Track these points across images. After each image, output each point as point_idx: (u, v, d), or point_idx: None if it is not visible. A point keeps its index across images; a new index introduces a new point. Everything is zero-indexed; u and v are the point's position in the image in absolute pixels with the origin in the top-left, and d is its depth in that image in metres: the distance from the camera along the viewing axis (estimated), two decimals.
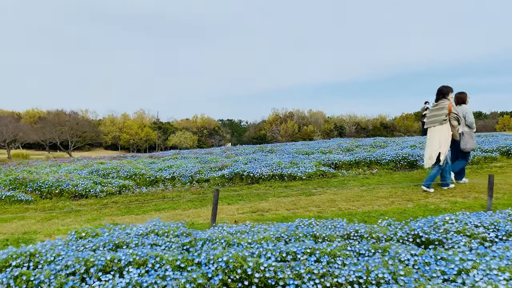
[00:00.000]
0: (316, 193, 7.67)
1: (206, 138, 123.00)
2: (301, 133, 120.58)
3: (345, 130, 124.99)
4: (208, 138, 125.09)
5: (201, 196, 8.08)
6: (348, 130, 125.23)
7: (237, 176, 9.23)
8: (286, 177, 9.04)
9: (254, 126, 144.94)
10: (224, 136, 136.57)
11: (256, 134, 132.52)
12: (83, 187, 8.45)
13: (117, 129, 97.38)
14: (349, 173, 9.51)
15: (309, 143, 16.35)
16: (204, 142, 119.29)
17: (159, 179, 9.63)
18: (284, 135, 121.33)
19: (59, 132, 66.10)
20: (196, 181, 9.41)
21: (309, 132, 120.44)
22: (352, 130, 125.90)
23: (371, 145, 13.36)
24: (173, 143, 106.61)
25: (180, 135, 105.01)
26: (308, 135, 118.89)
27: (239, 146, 18.25)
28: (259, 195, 7.85)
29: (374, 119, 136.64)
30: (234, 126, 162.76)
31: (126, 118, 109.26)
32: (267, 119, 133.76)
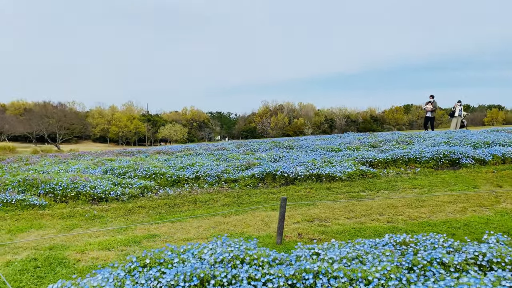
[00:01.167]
0: (366, 197, 6.92)
1: (195, 130, 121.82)
2: (292, 126, 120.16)
3: (336, 123, 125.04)
4: (198, 130, 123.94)
5: (237, 199, 7.27)
6: (339, 123, 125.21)
7: (269, 176, 8.43)
8: (324, 177, 8.28)
9: (243, 119, 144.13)
10: (214, 129, 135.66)
11: (246, 127, 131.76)
12: (102, 189, 7.57)
13: (105, 122, 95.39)
14: (390, 173, 8.78)
15: (326, 138, 15.59)
16: (194, 135, 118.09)
17: (182, 179, 8.78)
18: (274, 128, 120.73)
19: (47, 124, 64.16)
20: (223, 181, 8.59)
21: (299, 125, 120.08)
22: (342, 123, 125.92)
23: (396, 141, 12.66)
24: (163, 136, 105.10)
25: (170, 127, 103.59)
26: (298, 128, 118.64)
27: (250, 141, 17.41)
28: (302, 198, 7.08)
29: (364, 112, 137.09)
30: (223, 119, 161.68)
31: (114, 110, 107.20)
32: (257, 112, 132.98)
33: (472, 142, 10.91)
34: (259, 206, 6.75)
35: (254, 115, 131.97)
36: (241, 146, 14.50)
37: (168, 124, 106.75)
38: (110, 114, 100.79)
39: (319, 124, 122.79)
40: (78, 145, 76.57)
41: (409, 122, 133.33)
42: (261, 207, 6.64)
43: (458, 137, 12.56)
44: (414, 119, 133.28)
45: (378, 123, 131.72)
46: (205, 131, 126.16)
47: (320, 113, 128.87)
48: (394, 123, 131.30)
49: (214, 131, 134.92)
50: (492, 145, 10.60)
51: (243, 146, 14.42)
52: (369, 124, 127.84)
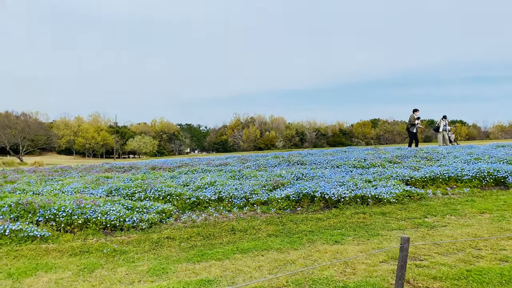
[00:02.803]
0: (435, 225, 5.95)
1: (165, 143, 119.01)
2: (264, 139, 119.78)
3: (306, 137, 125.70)
4: (168, 143, 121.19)
5: (281, 227, 6.13)
6: (309, 137, 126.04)
7: (306, 197, 7.35)
8: (370, 199, 7.28)
9: (214, 131, 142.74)
10: (184, 141, 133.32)
11: (218, 139, 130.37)
12: (116, 215, 6.25)
13: (71, 133, 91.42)
14: (437, 193, 7.89)
15: (330, 153, 14.67)
16: (164, 147, 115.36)
17: (202, 201, 7.56)
18: (246, 140, 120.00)
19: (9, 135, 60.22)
20: (252, 203, 7.43)
21: (271, 138, 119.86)
22: (312, 137, 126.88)
23: (414, 156, 11.90)
24: (132, 148, 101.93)
25: (139, 139, 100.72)
26: (270, 141, 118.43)
27: (249, 155, 16.26)
28: (360, 226, 6.03)
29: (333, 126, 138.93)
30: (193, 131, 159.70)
31: (80, 121, 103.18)
32: (228, 124, 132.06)
33: (502, 158, 10.26)
34: (313, 236, 5.64)
35: (226, 128, 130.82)
36: (246, 161, 13.34)
37: (137, 136, 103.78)
38: (76, 125, 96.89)
39: (290, 137, 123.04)
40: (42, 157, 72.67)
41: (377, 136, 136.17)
42: (318, 239, 5.54)
43: (480, 152, 11.94)
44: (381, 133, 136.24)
45: (347, 137, 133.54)
46: (175, 143, 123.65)
47: (291, 127, 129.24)
48: (362, 137, 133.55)
49: (184, 143, 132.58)
50: None
51: (248, 161, 13.26)
52: (338, 137, 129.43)
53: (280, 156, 14.44)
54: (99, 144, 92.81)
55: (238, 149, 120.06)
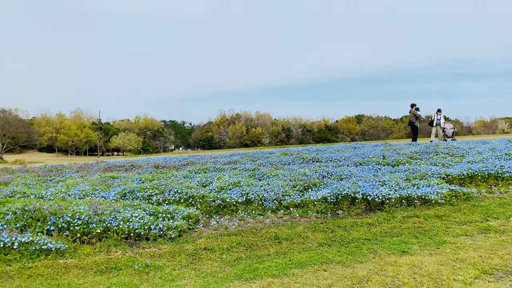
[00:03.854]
0: (505, 229, 5.31)
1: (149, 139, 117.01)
2: (250, 136, 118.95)
3: (292, 133, 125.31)
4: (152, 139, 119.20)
5: (331, 235, 5.40)
6: (295, 133, 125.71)
7: (345, 199, 6.64)
8: (416, 200, 6.62)
9: (200, 128, 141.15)
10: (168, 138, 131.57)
11: (203, 136, 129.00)
12: (140, 223, 5.42)
13: (53, 130, 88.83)
14: (482, 192, 7.28)
15: (340, 149, 14.00)
16: (149, 144, 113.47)
17: (228, 204, 6.77)
18: (232, 137, 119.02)
19: None
20: (285, 206, 6.69)
21: (257, 134, 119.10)
22: (298, 133, 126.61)
23: (435, 152, 11.33)
24: (116, 145, 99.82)
25: (124, 136, 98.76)
26: (256, 138, 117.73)
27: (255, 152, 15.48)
28: (420, 232, 5.35)
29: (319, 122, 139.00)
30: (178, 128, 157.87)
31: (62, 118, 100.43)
32: (214, 121, 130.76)
33: None
34: (373, 246, 4.93)
35: (211, 124, 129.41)
36: (256, 158, 12.57)
37: (121, 133, 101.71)
38: (58, 122, 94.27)
39: (277, 134, 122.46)
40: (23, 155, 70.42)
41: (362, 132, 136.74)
42: (379, 248, 4.83)
43: (503, 147, 11.44)
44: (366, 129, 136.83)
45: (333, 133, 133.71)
46: (159, 140, 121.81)
47: (277, 123, 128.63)
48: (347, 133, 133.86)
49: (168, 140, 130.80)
50: None
51: (258, 158, 12.50)
52: (324, 133, 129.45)
53: (288, 153, 13.72)
54: (82, 141, 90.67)
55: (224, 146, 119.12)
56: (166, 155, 46.14)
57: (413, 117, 20.56)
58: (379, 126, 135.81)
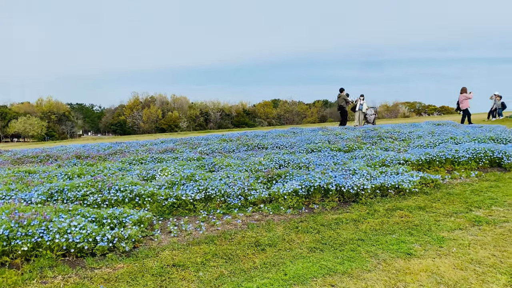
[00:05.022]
0: (494, 220, 5.01)
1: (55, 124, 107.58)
2: (166, 120, 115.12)
3: (211, 117, 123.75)
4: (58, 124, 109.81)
5: (319, 236, 4.66)
6: (214, 117, 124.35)
7: (317, 191, 5.96)
8: (391, 190, 6.16)
9: (111, 112, 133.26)
10: (76, 122, 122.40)
11: (115, 120, 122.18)
12: (82, 234, 4.19)
13: None
14: (445, 179, 7.08)
15: (284, 134, 13.40)
16: (54, 129, 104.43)
17: (184, 202, 5.73)
18: (147, 121, 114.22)
19: None
20: (252, 202, 5.82)
21: (174, 118, 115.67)
22: (217, 117, 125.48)
23: (379, 137, 11.20)
24: (16, 131, 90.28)
25: (25, 121, 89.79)
26: (173, 122, 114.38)
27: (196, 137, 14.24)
28: (412, 228, 4.84)
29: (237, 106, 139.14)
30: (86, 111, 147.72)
31: None
32: (126, 104, 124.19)
33: (476, 138, 9.97)
34: (371, 247, 4.29)
35: (123, 108, 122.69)
36: (194, 145, 11.45)
37: (21, 117, 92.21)
38: None
39: (195, 118, 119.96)
40: None
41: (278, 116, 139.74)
42: (378, 251, 4.20)
43: (440, 131, 11.68)
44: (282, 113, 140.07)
45: (251, 117, 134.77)
46: (66, 124, 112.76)
47: (195, 106, 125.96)
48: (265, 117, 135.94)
49: (76, 125, 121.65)
50: (498, 141, 9.78)
51: (198, 145, 11.40)
52: (242, 117, 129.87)
53: (227, 139, 12.81)
54: None
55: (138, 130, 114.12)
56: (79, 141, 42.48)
57: (343, 101, 20.78)
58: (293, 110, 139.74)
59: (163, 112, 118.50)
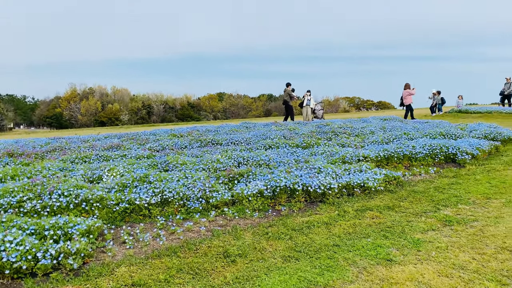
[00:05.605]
0: (463, 219, 4.94)
1: None
2: (106, 112, 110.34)
3: (154, 110, 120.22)
4: None
5: (291, 242, 4.31)
6: (157, 110, 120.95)
7: (283, 192, 5.62)
8: (356, 188, 5.96)
9: (46, 104, 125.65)
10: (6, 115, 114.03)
11: (50, 112, 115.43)
12: (19, 252, 3.54)
13: None
14: (405, 175, 7.04)
15: (237, 129, 12.96)
16: None
17: (139, 207, 5.16)
18: (85, 114, 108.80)
19: None
20: (214, 206, 5.36)
21: (115, 111, 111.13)
22: (160, 110, 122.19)
23: (333, 132, 11.11)
24: None
25: None
26: (114, 115, 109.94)
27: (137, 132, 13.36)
28: (385, 230, 4.64)
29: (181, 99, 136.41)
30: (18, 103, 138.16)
31: None
32: (63, 96, 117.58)
33: (427, 133, 10.15)
34: (348, 254, 4.01)
35: (60, 99, 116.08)
36: (142, 141, 10.70)
37: None
38: None
39: (137, 110, 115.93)
40: None
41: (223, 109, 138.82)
42: (356, 257, 3.93)
43: (391, 126, 11.83)
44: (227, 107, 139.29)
45: (195, 110, 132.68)
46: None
47: (137, 99, 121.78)
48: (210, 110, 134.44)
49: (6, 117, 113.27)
50: (448, 137, 10.02)
51: (146, 142, 10.66)
52: (187, 111, 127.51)
53: (178, 134, 12.18)
54: None
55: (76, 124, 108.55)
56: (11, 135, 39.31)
57: (287, 96, 20.68)
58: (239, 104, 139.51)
59: (102, 104, 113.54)
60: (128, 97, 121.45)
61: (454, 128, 11.15)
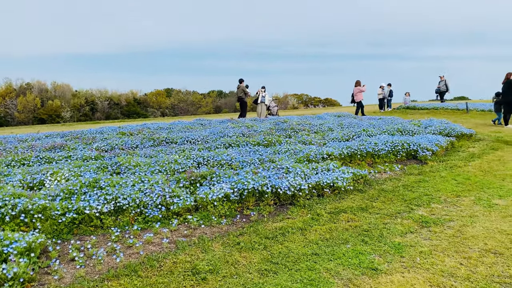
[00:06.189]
0: (439, 220, 4.78)
1: None
2: (46, 109, 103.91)
3: (98, 106, 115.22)
4: None
5: (266, 253, 3.90)
6: (101, 106, 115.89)
7: (251, 195, 5.20)
8: (326, 189, 5.66)
9: None
10: None
11: None
12: None
13: None
14: (371, 173, 6.87)
15: (192, 126, 12.34)
16: None
17: (88, 217, 4.53)
18: (23, 110, 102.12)
19: None
20: (176, 213, 4.84)
21: (55, 108, 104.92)
22: (105, 106, 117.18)
23: (292, 129, 10.84)
24: None
25: None
26: (55, 111, 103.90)
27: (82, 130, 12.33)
28: (362, 234, 4.35)
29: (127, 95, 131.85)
30: None
31: None
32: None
33: (385, 130, 10.14)
34: (329, 264, 3.67)
35: None
36: (90, 141, 9.83)
37: None
38: None
39: (79, 107, 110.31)
40: None
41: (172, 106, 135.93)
42: (339, 267, 3.60)
43: (347, 123, 11.77)
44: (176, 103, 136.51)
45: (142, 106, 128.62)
46: None
47: (79, 95, 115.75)
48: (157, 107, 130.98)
49: None
50: (406, 133, 10.07)
51: (95, 141, 9.81)
52: (133, 107, 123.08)
53: (127, 132, 11.39)
54: None
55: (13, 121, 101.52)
56: None
57: (242, 93, 20.28)
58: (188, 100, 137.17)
59: (42, 100, 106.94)
60: (70, 93, 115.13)
61: (410, 125, 11.27)
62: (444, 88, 25.76)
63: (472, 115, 18.83)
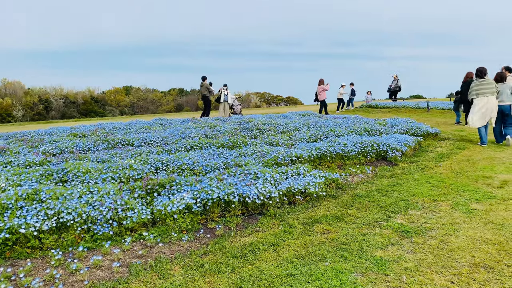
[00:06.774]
0: (419, 228, 4.44)
1: None
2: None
3: (52, 104, 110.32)
4: None
5: (234, 276, 3.40)
6: (56, 104, 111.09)
7: (215, 205, 4.67)
8: (298, 195, 5.23)
9: None
10: None
11: None
12: None
13: None
14: (342, 175, 6.50)
15: (149, 126, 11.59)
16: None
17: (24, 237, 3.85)
18: None
19: None
20: (130, 229, 4.24)
21: (6, 106, 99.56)
22: (60, 104, 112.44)
23: (257, 129, 10.37)
24: None
25: None
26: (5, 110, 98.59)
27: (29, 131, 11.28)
28: (340, 248, 3.93)
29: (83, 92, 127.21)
30: None
31: None
32: None
33: (352, 129, 9.87)
34: (309, 287, 3.23)
35: None
36: (35, 144, 8.92)
37: None
38: None
39: (32, 105, 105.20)
40: None
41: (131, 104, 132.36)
42: None
43: (313, 122, 11.45)
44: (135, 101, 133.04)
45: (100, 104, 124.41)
46: None
47: (32, 93, 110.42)
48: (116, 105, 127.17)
49: None
50: (373, 133, 9.84)
51: (41, 144, 8.92)
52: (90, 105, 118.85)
53: (79, 133, 10.53)
54: None
55: None
56: None
57: (206, 91, 19.66)
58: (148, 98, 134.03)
59: None
60: (22, 91, 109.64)
61: (376, 124, 11.09)
62: (396, 87, 26.25)
63: (433, 113, 19.10)
